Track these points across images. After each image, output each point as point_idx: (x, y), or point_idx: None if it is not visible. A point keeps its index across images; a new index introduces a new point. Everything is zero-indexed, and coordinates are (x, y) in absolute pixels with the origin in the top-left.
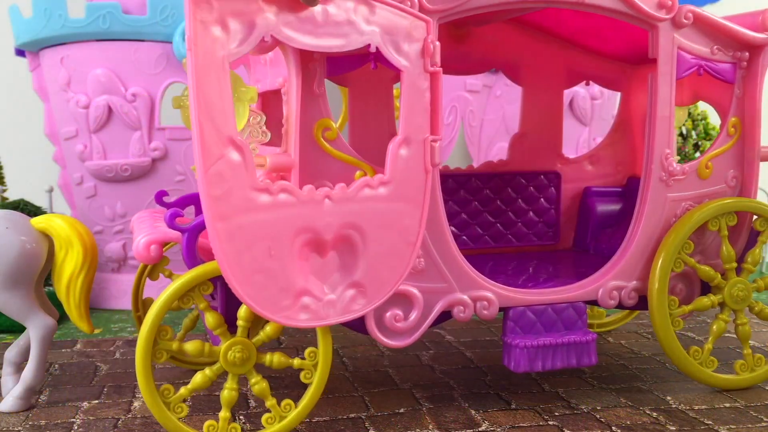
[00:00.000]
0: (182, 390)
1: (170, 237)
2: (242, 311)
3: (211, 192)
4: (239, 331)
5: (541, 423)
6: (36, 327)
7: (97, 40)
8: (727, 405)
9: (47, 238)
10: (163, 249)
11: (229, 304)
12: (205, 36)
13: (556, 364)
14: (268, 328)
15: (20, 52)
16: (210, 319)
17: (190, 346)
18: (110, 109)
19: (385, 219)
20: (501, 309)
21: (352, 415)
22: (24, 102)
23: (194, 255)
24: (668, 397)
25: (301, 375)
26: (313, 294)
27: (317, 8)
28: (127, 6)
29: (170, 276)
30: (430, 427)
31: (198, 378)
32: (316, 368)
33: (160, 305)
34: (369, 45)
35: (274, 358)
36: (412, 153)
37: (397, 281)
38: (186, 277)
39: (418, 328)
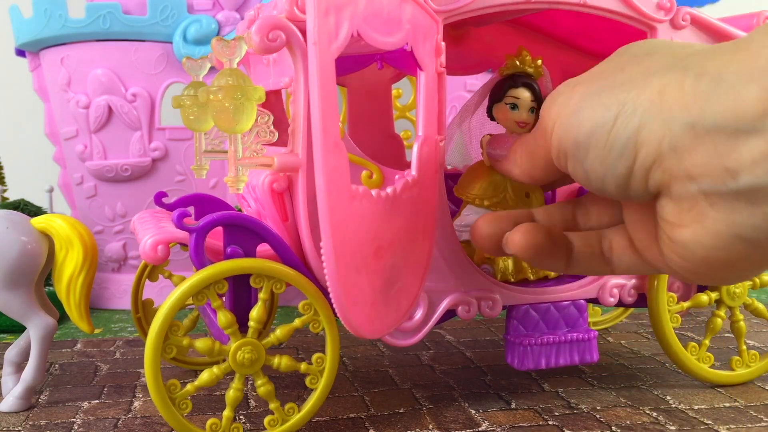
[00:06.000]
0: (188, 386)
1: (177, 237)
2: (254, 312)
3: (330, 200)
4: (250, 332)
5: (541, 423)
6: (36, 327)
7: (98, 40)
8: (727, 405)
9: (47, 238)
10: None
11: (237, 303)
12: (324, 28)
13: (559, 362)
14: (279, 331)
15: (20, 52)
16: (222, 318)
17: (200, 344)
18: (110, 109)
19: (415, 218)
20: (504, 307)
21: (352, 415)
22: (24, 102)
23: (202, 255)
24: (668, 397)
25: (307, 380)
26: (377, 305)
27: (381, 2)
28: (127, 6)
29: (170, 277)
30: (430, 427)
31: (205, 375)
32: (322, 374)
33: (174, 300)
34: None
35: (282, 361)
36: (429, 152)
37: (424, 280)
38: (202, 274)
39: (423, 326)
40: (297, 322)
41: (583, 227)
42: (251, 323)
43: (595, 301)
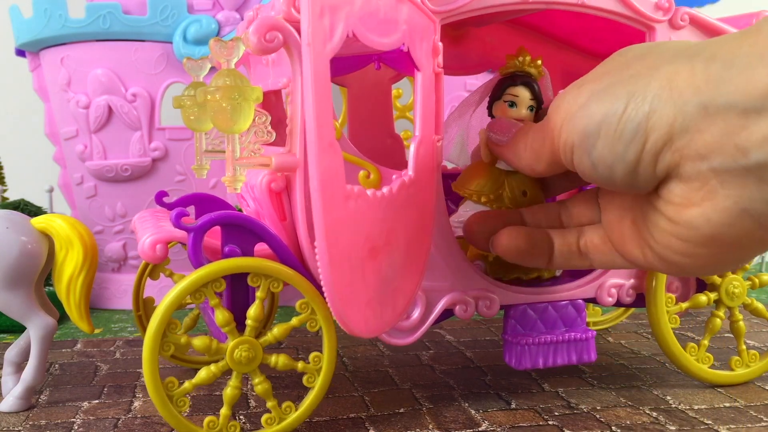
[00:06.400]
0: (186, 384)
1: (175, 236)
2: (251, 311)
3: (324, 199)
4: (247, 330)
5: (541, 423)
6: (36, 327)
7: (98, 40)
8: (727, 405)
9: (47, 238)
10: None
11: (234, 302)
12: (319, 29)
13: (557, 361)
14: (276, 330)
15: (20, 52)
16: (220, 316)
17: (198, 342)
18: (110, 109)
19: (411, 218)
20: (502, 307)
21: (352, 415)
22: (24, 102)
23: (200, 254)
24: (668, 397)
25: (304, 379)
26: (372, 304)
27: (377, 2)
28: (127, 6)
29: (171, 275)
30: (430, 427)
31: (203, 373)
32: (319, 373)
33: (172, 298)
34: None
35: (279, 360)
36: (426, 152)
37: (421, 279)
38: (200, 272)
39: (420, 326)
40: (294, 320)
41: (566, 226)
42: (248, 321)
43: (593, 300)
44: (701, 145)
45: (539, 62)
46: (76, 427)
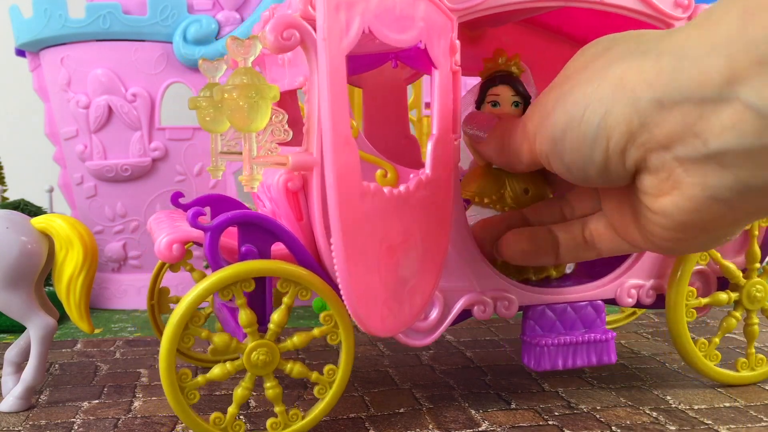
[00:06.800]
0: (199, 377)
1: (192, 236)
2: (276, 316)
3: (340, 197)
4: (269, 334)
5: (540, 423)
6: (36, 327)
7: (97, 40)
8: (727, 405)
9: (47, 238)
10: (185, 248)
11: (251, 302)
12: (335, 24)
13: (577, 363)
14: (296, 338)
15: (20, 52)
16: (244, 316)
17: (218, 338)
18: (110, 109)
19: (428, 217)
20: (520, 308)
21: (352, 415)
22: (24, 102)
23: (217, 254)
24: (668, 397)
25: (315, 390)
26: (389, 303)
27: None
28: (127, 6)
29: (191, 270)
30: (430, 426)
31: (217, 370)
32: (331, 386)
33: (201, 291)
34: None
35: (295, 368)
36: (444, 151)
37: (438, 278)
38: (231, 270)
39: (438, 326)
40: (316, 331)
41: (569, 219)
42: (271, 326)
43: (612, 301)
44: (662, 137)
45: (517, 59)
46: (76, 427)
